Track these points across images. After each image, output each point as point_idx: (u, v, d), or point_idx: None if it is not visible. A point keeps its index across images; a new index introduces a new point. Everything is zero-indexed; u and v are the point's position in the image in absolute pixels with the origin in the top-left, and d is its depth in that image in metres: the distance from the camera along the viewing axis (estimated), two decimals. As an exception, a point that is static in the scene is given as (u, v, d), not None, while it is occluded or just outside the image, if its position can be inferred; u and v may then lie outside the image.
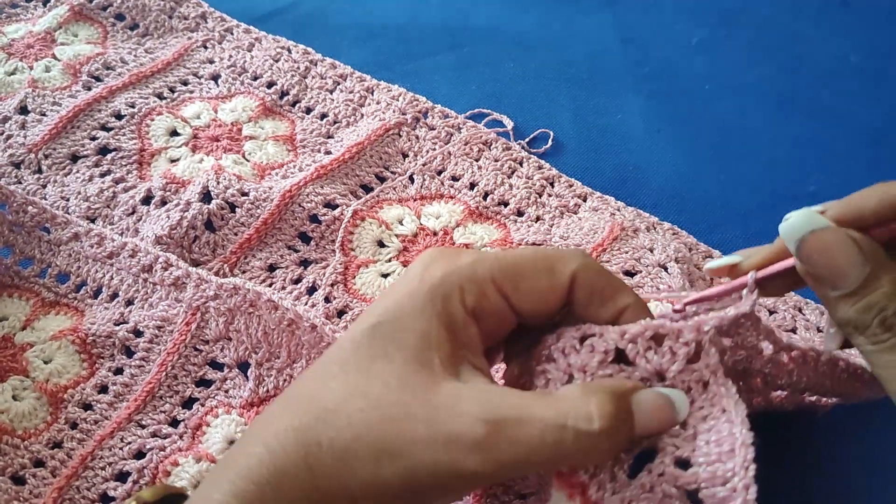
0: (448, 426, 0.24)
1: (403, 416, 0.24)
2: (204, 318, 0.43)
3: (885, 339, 0.26)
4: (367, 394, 0.25)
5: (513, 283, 0.28)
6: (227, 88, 0.57)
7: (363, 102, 0.56)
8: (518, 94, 0.58)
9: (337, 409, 0.25)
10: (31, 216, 0.46)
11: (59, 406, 0.40)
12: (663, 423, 0.26)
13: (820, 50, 0.61)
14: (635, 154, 0.54)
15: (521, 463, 0.24)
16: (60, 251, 0.46)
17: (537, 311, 0.28)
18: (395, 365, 0.26)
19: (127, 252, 0.45)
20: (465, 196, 0.51)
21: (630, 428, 0.26)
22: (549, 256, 0.28)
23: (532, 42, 0.62)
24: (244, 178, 0.50)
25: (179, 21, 0.61)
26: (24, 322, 0.43)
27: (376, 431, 0.24)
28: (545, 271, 0.28)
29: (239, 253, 0.47)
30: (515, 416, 0.24)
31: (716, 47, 0.62)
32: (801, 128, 0.56)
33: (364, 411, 0.25)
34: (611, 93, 0.58)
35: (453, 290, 0.27)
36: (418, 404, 0.25)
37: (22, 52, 0.58)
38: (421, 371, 0.26)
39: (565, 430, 0.24)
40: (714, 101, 0.58)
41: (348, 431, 0.24)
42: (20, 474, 0.38)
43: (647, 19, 0.64)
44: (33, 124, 0.53)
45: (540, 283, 0.28)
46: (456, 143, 0.53)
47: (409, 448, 0.24)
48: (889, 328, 0.26)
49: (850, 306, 0.26)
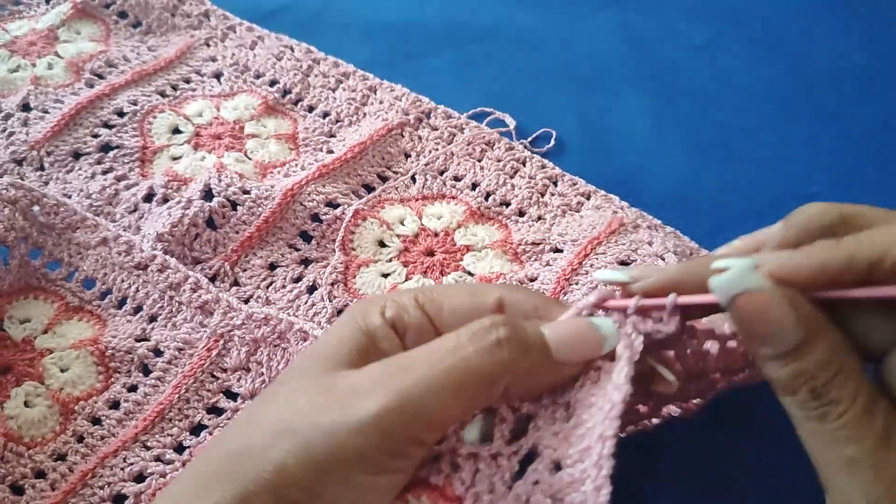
0: (344, 402, 0.24)
1: (303, 400, 0.25)
2: (226, 346, 0.42)
3: (813, 407, 0.24)
4: (271, 400, 0.26)
5: (436, 305, 0.28)
6: (230, 86, 0.57)
7: (366, 102, 0.56)
8: (521, 93, 0.58)
9: (238, 424, 0.26)
10: (62, 218, 0.46)
11: (68, 417, 0.40)
12: (585, 348, 0.26)
13: (824, 51, 0.61)
14: (638, 154, 0.54)
15: (425, 396, 0.23)
16: (88, 255, 0.45)
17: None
18: (304, 370, 0.27)
19: (156, 266, 0.44)
20: (467, 196, 0.51)
21: (541, 345, 0.25)
22: (472, 284, 0.29)
23: (535, 41, 0.62)
24: (246, 176, 0.50)
25: (182, 19, 0.61)
26: (46, 325, 0.43)
27: (272, 422, 0.25)
28: (468, 294, 0.28)
29: (240, 251, 0.47)
30: (406, 361, 0.24)
31: (720, 48, 0.62)
32: (805, 129, 0.56)
33: (266, 415, 0.25)
34: (614, 92, 0.58)
35: (373, 308, 0.28)
36: (317, 386, 0.25)
37: (25, 50, 0.58)
38: (328, 366, 0.26)
39: (461, 349, 0.24)
40: (718, 102, 0.58)
41: (246, 438, 0.25)
42: (20, 484, 0.37)
43: (651, 19, 0.64)
44: (35, 121, 0.53)
45: (463, 305, 0.28)
46: (459, 144, 0.53)
47: (310, 431, 0.24)
48: (817, 397, 0.24)
49: (779, 368, 0.25)
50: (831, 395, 0.24)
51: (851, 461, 0.24)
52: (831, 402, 0.24)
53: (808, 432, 0.25)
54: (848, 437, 0.24)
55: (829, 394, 0.24)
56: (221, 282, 0.46)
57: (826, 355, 0.24)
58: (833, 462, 0.24)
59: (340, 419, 0.23)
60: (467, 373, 0.24)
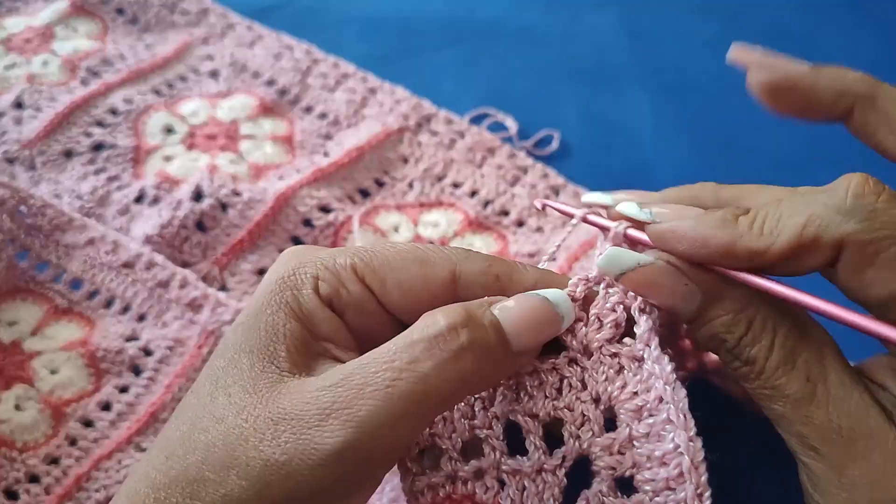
0: (297, 432, 0.22)
1: (248, 425, 0.22)
2: (217, 343, 0.41)
3: (735, 367, 0.24)
4: (213, 413, 0.23)
5: (378, 276, 0.25)
6: (227, 86, 0.56)
7: (365, 103, 0.55)
8: (523, 89, 0.57)
9: (182, 441, 0.23)
10: (49, 219, 0.45)
11: (60, 420, 0.39)
12: (543, 331, 0.24)
13: (828, 48, 0.60)
14: (643, 151, 0.53)
15: (384, 427, 0.21)
16: (75, 256, 0.45)
17: (409, 307, 0.25)
18: (241, 371, 0.23)
19: (143, 264, 0.43)
20: (466, 204, 0.49)
21: (501, 339, 0.23)
22: (420, 249, 0.25)
23: (538, 37, 0.61)
24: (239, 177, 0.49)
25: (181, 16, 0.60)
26: (34, 328, 0.43)
27: (220, 450, 0.22)
28: (415, 263, 0.25)
29: (230, 255, 0.46)
30: (358, 381, 0.22)
31: (724, 44, 0.60)
32: (810, 126, 0.54)
33: (207, 432, 0.23)
34: (618, 89, 0.57)
35: (305, 280, 0.25)
36: (263, 408, 0.22)
37: (20, 47, 0.57)
38: (267, 369, 0.23)
39: (419, 364, 0.22)
40: (723, 99, 0.56)
41: (193, 457, 0.22)
42: (14, 489, 0.37)
43: (655, 15, 0.63)
44: (28, 120, 0.52)
45: (409, 278, 0.25)
46: (459, 150, 0.51)
47: (265, 470, 0.21)
48: (735, 358, 0.23)
49: (696, 331, 0.24)
50: (745, 354, 0.23)
51: (780, 417, 0.23)
52: (748, 362, 0.23)
53: (752, 391, 0.24)
54: (771, 394, 0.23)
55: (744, 354, 0.23)
56: (210, 286, 0.44)
57: (731, 314, 0.23)
58: (772, 416, 0.23)
59: (298, 458, 0.21)
60: (428, 395, 0.22)
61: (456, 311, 0.23)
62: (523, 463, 0.24)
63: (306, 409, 0.22)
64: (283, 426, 0.22)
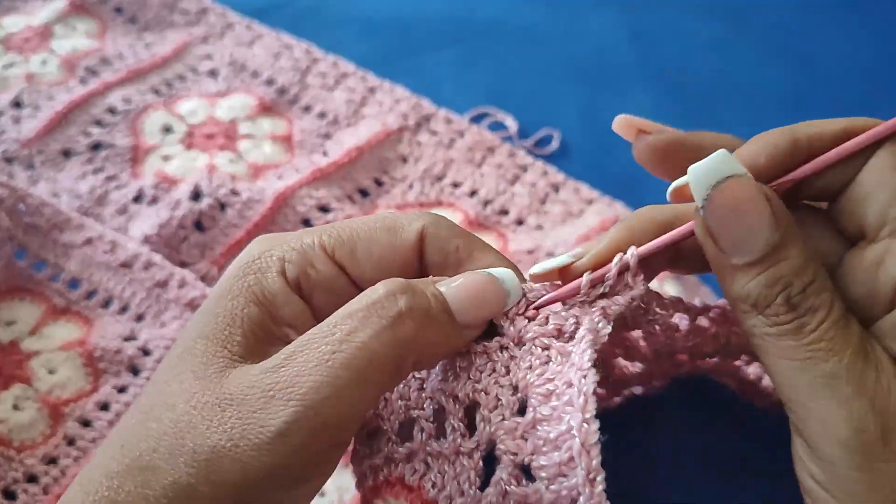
0: (243, 416, 0.21)
1: (196, 412, 0.22)
2: None
3: (788, 320, 0.22)
4: (166, 400, 0.23)
5: (347, 248, 0.24)
6: (226, 85, 0.55)
7: (364, 103, 0.54)
8: (524, 89, 0.57)
9: (136, 429, 0.23)
10: (47, 218, 0.45)
11: (58, 420, 0.39)
12: (488, 307, 0.24)
13: (830, 49, 0.60)
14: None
15: (327, 402, 0.21)
16: (73, 255, 0.44)
17: (379, 279, 0.24)
18: (195, 357, 0.23)
19: (141, 264, 0.43)
20: (466, 204, 0.49)
21: (443, 309, 0.23)
22: (389, 216, 0.25)
23: (538, 36, 0.61)
24: (238, 177, 0.49)
25: (180, 15, 0.60)
26: (32, 327, 0.42)
27: (171, 437, 0.22)
28: (384, 231, 0.24)
29: (228, 255, 0.46)
30: (299, 360, 0.21)
31: (726, 44, 0.62)
32: None
33: (160, 420, 0.22)
34: (618, 89, 0.57)
35: (271, 264, 0.24)
36: (210, 394, 0.22)
37: (19, 46, 0.57)
38: (220, 354, 0.23)
39: (357, 333, 0.21)
40: (724, 100, 0.56)
41: (145, 445, 0.22)
42: (12, 489, 0.37)
43: (657, 15, 0.63)
44: (27, 119, 0.52)
45: (379, 245, 0.24)
46: (459, 150, 0.51)
47: (213, 456, 0.21)
48: (793, 307, 0.22)
49: (751, 278, 0.22)
50: (808, 303, 0.22)
51: (831, 376, 0.21)
52: (809, 311, 0.22)
53: (779, 353, 0.22)
54: (827, 350, 0.21)
55: (807, 302, 0.22)
56: (208, 286, 0.44)
57: (802, 259, 0.22)
58: (808, 382, 0.22)
59: (244, 441, 0.21)
60: (370, 362, 0.21)
61: (395, 281, 0.23)
62: (442, 445, 0.24)
63: (251, 392, 0.22)
64: (230, 412, 0.22)
